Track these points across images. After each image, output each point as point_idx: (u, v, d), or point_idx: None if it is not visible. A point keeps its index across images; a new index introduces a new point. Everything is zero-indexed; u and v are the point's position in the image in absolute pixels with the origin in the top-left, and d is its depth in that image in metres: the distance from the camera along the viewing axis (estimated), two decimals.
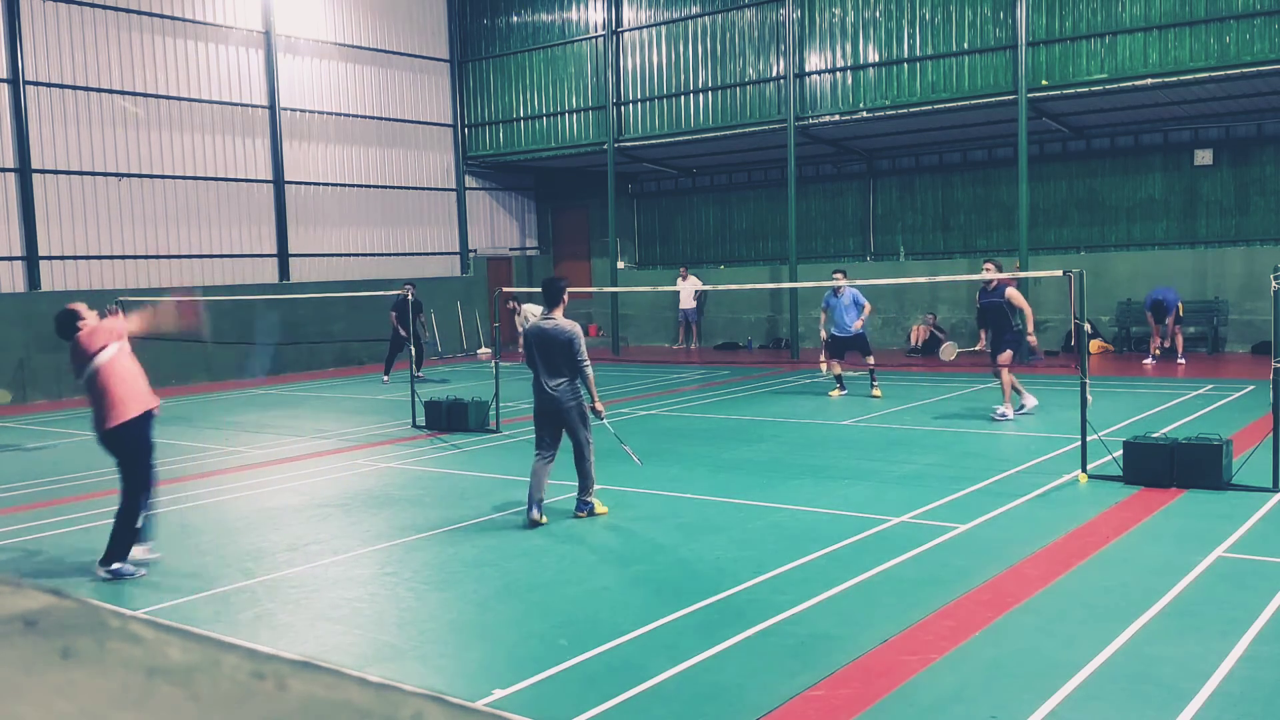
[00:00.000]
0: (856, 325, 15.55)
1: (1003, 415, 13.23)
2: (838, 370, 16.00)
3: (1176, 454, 9.17)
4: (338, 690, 0.56)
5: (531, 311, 18.68)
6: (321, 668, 0.57)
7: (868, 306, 15.68)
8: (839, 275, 15.63)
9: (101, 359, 7.48)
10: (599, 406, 8.85)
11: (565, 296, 8.74)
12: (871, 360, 15.76)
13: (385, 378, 20.17)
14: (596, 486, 8.90)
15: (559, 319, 8.59)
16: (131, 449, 7.54)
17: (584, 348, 8.51)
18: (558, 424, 8.67)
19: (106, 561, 7.43)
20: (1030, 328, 13.30)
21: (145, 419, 7.58)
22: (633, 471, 10.71)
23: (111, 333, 7.69)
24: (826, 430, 13.03)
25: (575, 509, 8.74)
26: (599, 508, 8.78)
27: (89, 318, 7.83)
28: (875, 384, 15.87)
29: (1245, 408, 13.40)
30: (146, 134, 21.33)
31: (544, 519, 8.50)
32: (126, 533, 7.46)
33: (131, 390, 7.56)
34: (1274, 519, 8.09)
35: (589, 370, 8.54)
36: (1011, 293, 13.71)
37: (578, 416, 8.58)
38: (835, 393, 16.00)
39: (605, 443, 12.51)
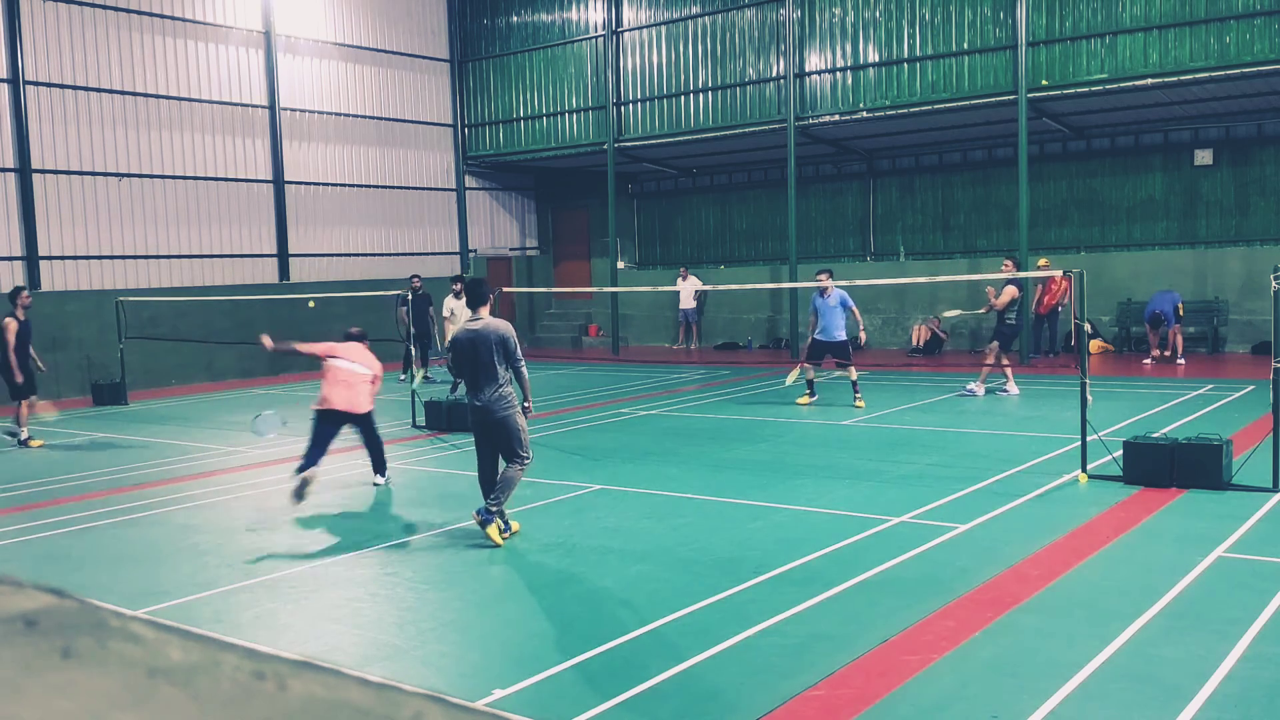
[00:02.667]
0: (861, 335, 15.19)
1: (1005, 390, 15.34)
2: (810, 375, 15.18)
3: (1176, 454, 9.17)
4: (338, 690, 0.56)
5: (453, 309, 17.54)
6: (321, 668, 0.57)
7: (856, 309, 14.88)
8: (824, 276, 14.79)
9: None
10: (529, 404, 8.39)
11: (492, 297, 8.30)
12: (854, 372, 14.82)
13: (413, 377, 19.53)
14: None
15: (488, 319, 8.12)
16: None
17: (518, 346, 8.10)
18: (494, 439, 8.10)
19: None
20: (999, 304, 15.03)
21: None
22: (633, 471, 10.71)
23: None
24: (826, 430, 13.04)
25: (481, 515, 7.90)
26: (493, 533, 7.90)
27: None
28: (858, 395, 14.83)
29: (1245, 408, 13.40)
30: (146, 134, 21.34)
31: (509, 531, 8.18)
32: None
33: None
34: (1274, 519, 8.09)
35: (524, 370, 8.10)
36: (1007, 289, 14.98)
37: (515, 428, 8.02)
38: (804, 400, 15.19)
39: (602, 443, 12.52)
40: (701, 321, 26.51)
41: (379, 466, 10.51)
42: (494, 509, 7.91)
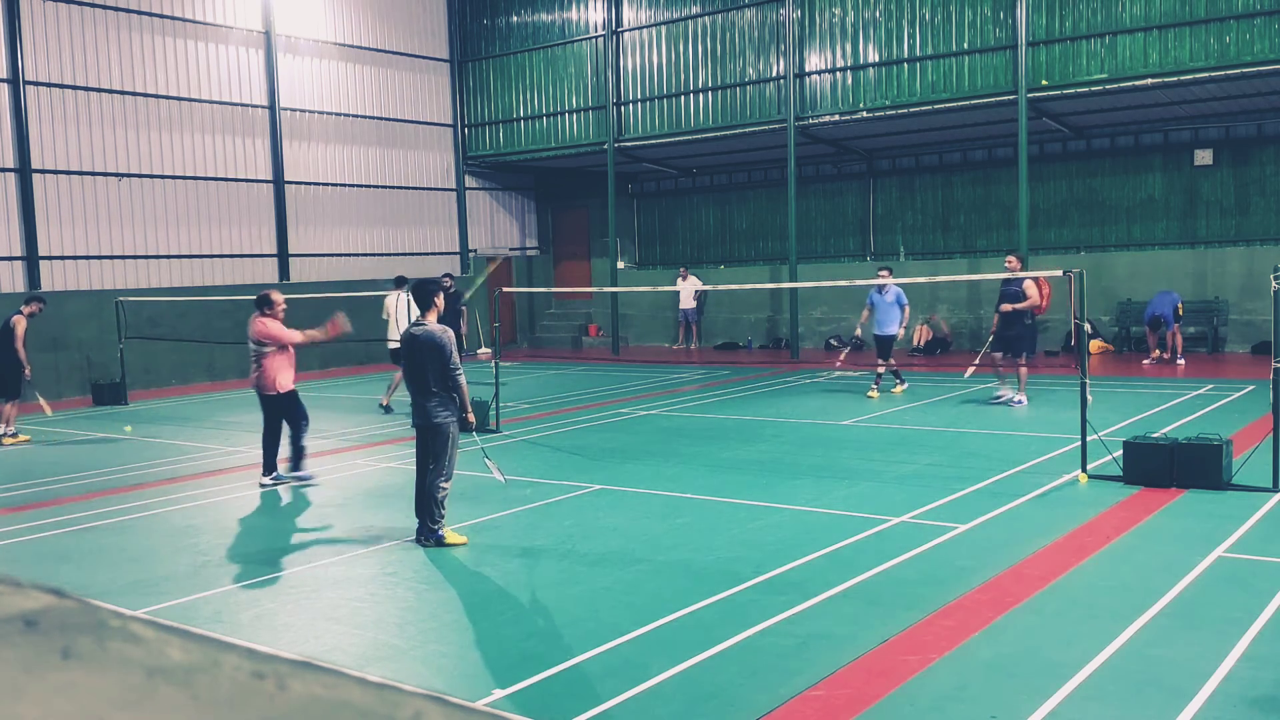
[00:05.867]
0: (900, 330, 15.48)
1: (1018, 401, 14.15)
2: (883, 369, 15.84)
3: (1176, 454, 9.17)
4: (338, 690, 0.56)
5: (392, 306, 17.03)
6: (321, 668, 0.57)
7: (907, 309, 15.55)
8: (885, 273, 15.39)
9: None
10: (470, 417, 8.25)
11: (438, 300, 8.10)
12: (886, 364, 15.60)
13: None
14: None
15: (430, 325, 8.05)
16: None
17: (456, 355, 7.94)
18: (425, 445, 8.13)
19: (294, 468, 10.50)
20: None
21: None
22: (633, 471, 10.72)
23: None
24: (826, 430, 13.04)
25: (418, 538, 8.05)
26: (452, 538, 8.03)
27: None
28: (878, 385, 15.76)
29: (1245, 408, 13.40)
30: (146, 134, 21.33)
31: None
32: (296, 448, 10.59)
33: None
34: (1274, 519, 8.09)
35: (462, 379, 7.95)
36: (1027, 284, 13.90)
37: (445, 436, 8.01)
38: (899, 389, 15.89)
39: (602, 443, 12.52)
40: (701, 321, 26.51)
41: (293, 458, 10.57)
42: (435, 528, 7.99)
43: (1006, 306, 14.06)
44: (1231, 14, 17.70)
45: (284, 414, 10.50)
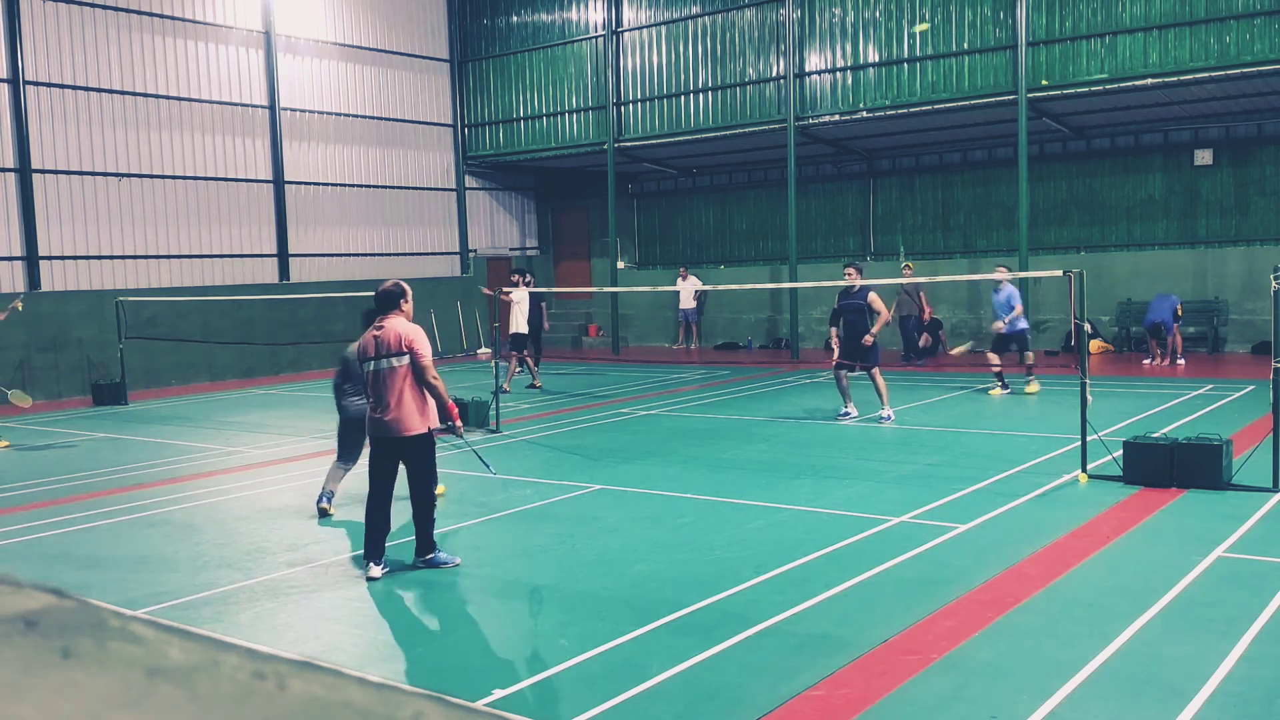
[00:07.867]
0: (1018, 323, 15.58)
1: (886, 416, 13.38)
2: (996, 365, 15.79)
3: (1176, 454, 9.16)
4: (338, 690, 0.56)
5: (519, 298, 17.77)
6: (321, 668, 0.57)
7: (1018, 308, 15.59)
8: (1001, 270, 15.50)
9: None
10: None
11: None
12: (1030, 357, 15.76)
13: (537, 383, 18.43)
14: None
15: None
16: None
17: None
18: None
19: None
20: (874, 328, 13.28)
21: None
22: (633, 471, 10.71)
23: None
24: (826, 430, 13.03)
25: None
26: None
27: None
28: (1032, 379, 15.77)
29: (1245, 408, 13.40)
30: (146, 134, 21.33)
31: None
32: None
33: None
34: (1274, 519, 8.09)
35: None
36: (872, 297, 13.30)
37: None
38: (996, 391, 15.64)
39: (602, 443, 12.51)
40: (701, 321, 26.50)
41: (424, 539, 7.64)
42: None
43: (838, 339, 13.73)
44: (1231, 14, 17.70)
45: (419, 469, 7.38)
